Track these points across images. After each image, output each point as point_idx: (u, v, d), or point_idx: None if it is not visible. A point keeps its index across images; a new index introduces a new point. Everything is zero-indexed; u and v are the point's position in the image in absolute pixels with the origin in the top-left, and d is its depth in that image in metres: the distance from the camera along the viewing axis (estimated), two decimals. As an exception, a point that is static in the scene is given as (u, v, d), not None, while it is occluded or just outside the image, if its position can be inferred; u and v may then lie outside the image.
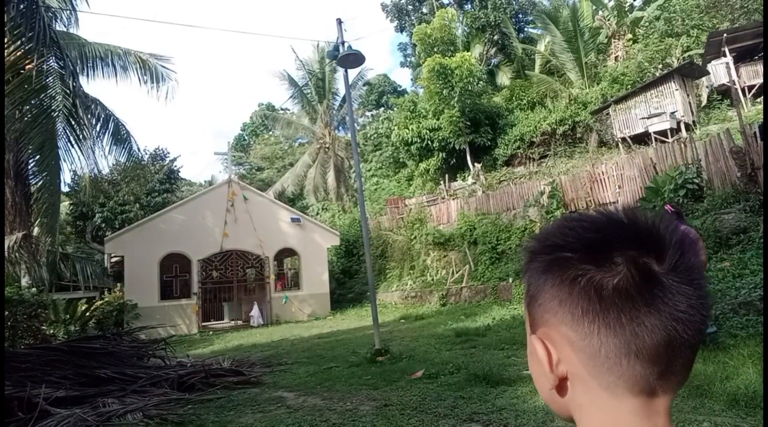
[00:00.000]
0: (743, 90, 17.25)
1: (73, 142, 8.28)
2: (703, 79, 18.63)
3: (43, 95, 7.93)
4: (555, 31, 23.44)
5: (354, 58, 8.26)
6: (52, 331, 11.34)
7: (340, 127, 31.92)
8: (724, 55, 17.38)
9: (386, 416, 4.48)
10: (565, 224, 0.55)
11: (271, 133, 42.47)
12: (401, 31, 33.75)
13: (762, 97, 16.89)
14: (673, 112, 16.89)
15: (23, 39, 7.20)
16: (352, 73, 22.93)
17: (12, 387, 5.07)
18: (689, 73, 17.80)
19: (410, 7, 32.75)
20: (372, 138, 32.59)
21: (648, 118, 17.34)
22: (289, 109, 37.36)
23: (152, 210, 22.43)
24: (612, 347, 0.49)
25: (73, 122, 8.19)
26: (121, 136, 11.11)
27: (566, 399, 0.54)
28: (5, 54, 7.84)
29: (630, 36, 23.19)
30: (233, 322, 18.42)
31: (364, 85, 33.24)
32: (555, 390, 0.53)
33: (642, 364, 0.49)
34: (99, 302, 14.68)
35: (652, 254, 0.50)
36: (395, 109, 28.06)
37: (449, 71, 20.86)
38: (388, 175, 30.91)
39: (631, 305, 0.48)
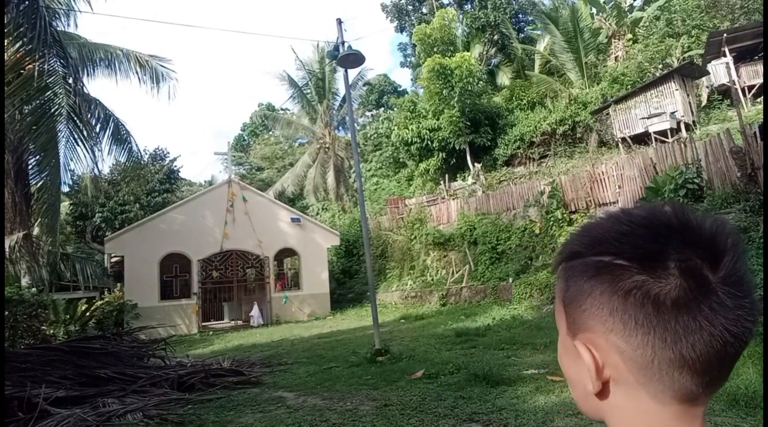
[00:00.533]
0: (743, 90, 17.25)
1: (78, 140, 8.28)
2: (703, 79, 18.62)
3: (45, 96, 7.93)
4: (555, 32, 23.44)
5: (354, 58, 8.27)
6: (52, 331, 11.33)
7: (340, 127, 31.94)
8: (724, 55, 17.38)
9: (386, 416, 4.48)
10: (617, 228, 0.52)
11: (271, 133, 42.48)
12: (401, 31, 33.77)
13: (762, 97, 16.89)
14: (673, 112, 16.89)
15: (25, 39, 7.20)
16: (352, 73, 22.95)
17: (12, 387, 5.07)
18: (689, 73, 17.80)
19: (410, 7, 32.75)
20: (372, 138, 32.59)
21: (648, 118, 17.34)
22: (289, 110, 37.38)
23: (152, 210, 22.43)
24: (666, 359, 0.48)
25: (77, 121, 8.19)
26: (120, 136, 11.11)
27: (604, 402, 0.53)
28: (6, 54, 7.84)
29: (630, 36, 23.18)
30: (233, 322, 18.41)
31: (364, 85, 33.24)
32: (595, 394, 0.53)
33: (693, 375, 0.48)
34: (99, 302, 14.69)
35: (707, 262, 0.48)
36: (395, 109, 28.05)
37: (449, 71, 20.86)
38: (388, 175, 30.91)
39: (689, 319, 0.47)
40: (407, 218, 20.02)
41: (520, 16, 30.81)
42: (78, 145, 8.25)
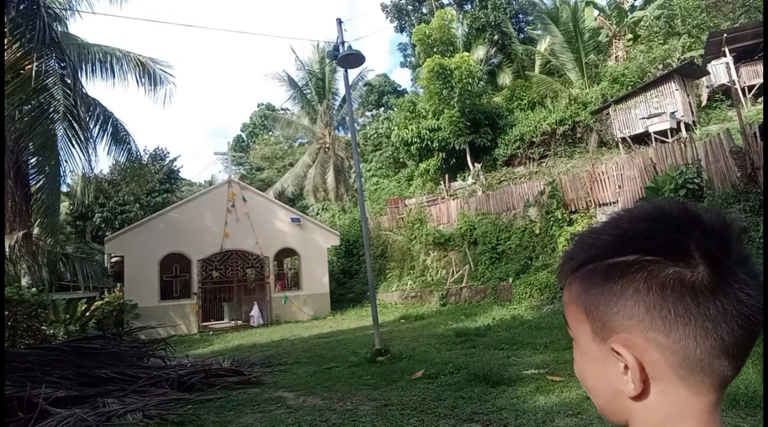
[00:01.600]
0: (743, 90, 17.25)
1: (74, 142, 8.28)
2: (703, 79, 18.63)
3: (43, 96, 7.93)
4: (555, 32, 23.43)
5: (354, 58, 8.26)
6: (52, 331, 11.32)
7: (340, 127, 31.91)
8: (724, 55, 17.38)
9: (386, 416, 4.48)
10: (636, 226, 0.53)
11: (271, 133, 42.49)
12: (401, 32, 33.74)
13: (762, 97, 16.89)
14: (673, 112, 16.88)
15: (24, 39, 7.20)
16: (352, 73, 22.94)
17: (12, 387, 5.07)
18: (689, 73, 17.80)
19: (410, 7, 32.73)
20: (372, 138, 32.58)
21: (648, 118, 17.34)
22: (288, 110, 37.36)
23: (152, 210, 22.43)
24: (707, 347, 0.49)
25: (74, 123, 8.19)
26: (120, 137, 11.12)
27: (638, 402, 0.52)
28: (5, 54, 7.84)
29: (630, 36, 23.17)
30: (233, 322, 18.41)
31: (364, 85, 33.22)
32: (630, 396, 0.52)
33: (731, 361, 0.49)
34: (99, 302, 14.68)
35: (721, 249, 0.50)
36: (395, 109, 28.04)
37: (449, 72, 20.86)
38: (388, 175, 30.91)
39: (726, 302, 0.48)
40: (407, 218, 20.02)
41: (520, 16, 30.79)
42: (73, 146, 8.25)
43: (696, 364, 0.49)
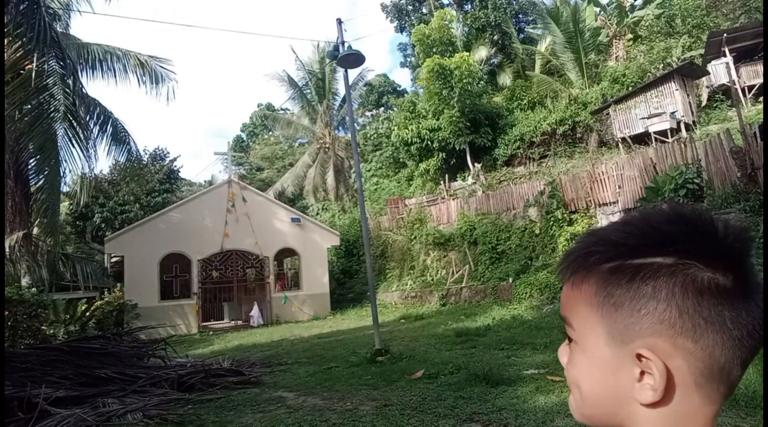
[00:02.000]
0: (743, 90, 17.25)
1: (74, 142, 8.28)
2: (703, 79, 18.62)
3: (43, 96, 7.92)
4: (556, 31, 23.43)
5: (354, 58, 8.26)
6: (52, 331, 11.32)
7: (340, 127, 31.91)
8: (724, 55, 17.38)
9: (386, 416, 4.48)
10: (671, 228, 0.50)
11: (271, 133, 42.50)
12: (401, 32, 33.74)
13: (762, 97, 16.89)
14: (673, 112, 16.88)
15: (24, 39, 7.20)
16: (352, 73, 22.93)
17: (12, 387, 5.07)
18: (689, 73, 17.80)
19: (410, 7, 32.73)
20: (372, 138, 32.58)
21: (648, 118, 17.34)
22: (288, 110, 37.35)
23: (152, 210, 22.43)
24: (731, 355, 0.48)
25: (74, 122, 8.19)
26: (120, 137, 11.11)
27: (651, 410, 0.49)
28: (5, 54, 7.84)
29: (630, 36, 23.18)
30: (233, 322, 18.41)
31: (364, 85, 33.21)
32: (645, 403, 0.49)
33: (743, 368, 0.49)
34: (99, 302, 14.68)
35: (742, 254, 0.49)
36: (395, 109, 28.04)
37: (448, 72, 20.86)
38: (388, 175, 30.90)
39: (753, 313, 0.48)
40: (407, 218, 20.02)
41: (521, 16, 30.81)
42: (73, 146, 8.25)
43: (717, 372, 0.48)
